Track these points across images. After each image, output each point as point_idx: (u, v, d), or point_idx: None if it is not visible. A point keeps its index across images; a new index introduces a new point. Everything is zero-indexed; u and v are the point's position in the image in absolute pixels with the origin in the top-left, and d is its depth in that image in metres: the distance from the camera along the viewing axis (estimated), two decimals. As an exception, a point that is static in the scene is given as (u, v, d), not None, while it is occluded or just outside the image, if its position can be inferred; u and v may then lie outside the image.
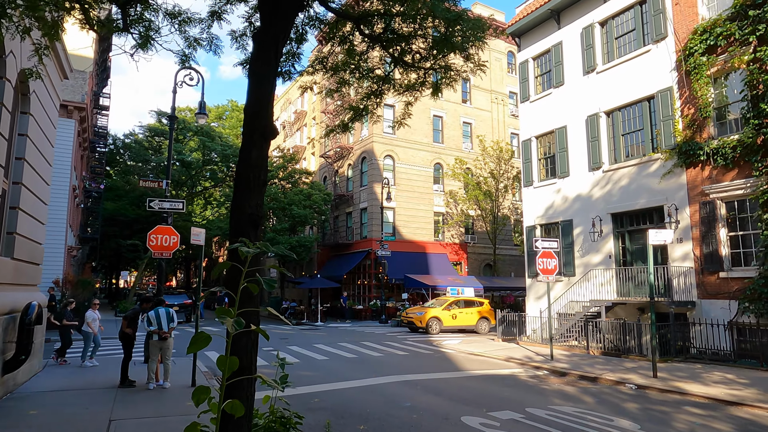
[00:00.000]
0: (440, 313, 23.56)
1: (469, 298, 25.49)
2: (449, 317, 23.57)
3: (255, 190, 4.24)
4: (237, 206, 4.24)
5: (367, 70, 8.96)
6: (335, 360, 14.56)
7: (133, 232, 39.91)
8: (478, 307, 24.60)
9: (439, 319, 23.37)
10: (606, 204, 17.35)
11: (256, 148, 4.33)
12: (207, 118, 15.07)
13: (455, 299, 24.87)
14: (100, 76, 40.01)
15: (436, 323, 23.23)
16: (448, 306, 23.97)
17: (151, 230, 13.65)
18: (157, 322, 9.84)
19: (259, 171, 4.32)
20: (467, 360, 14.90)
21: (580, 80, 18.70)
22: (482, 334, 23.40)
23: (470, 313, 24.15)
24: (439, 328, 23.19)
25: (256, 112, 4.44)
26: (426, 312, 23.58)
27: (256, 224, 4.19)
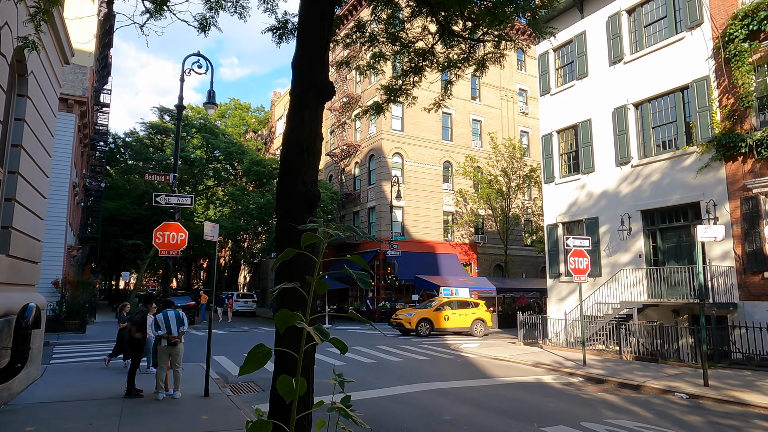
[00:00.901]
0: (431, 314, 22.53)
1: (463, 299, 24.46)
2: (441, 319, 22.52)
3: (309, 163, 3.36)
4: (286, 184, 3.36)
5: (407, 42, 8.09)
6: (354, 365, 13.67)
7: (134, 232, 39.03)
8: (473, 308, 23.57)
9: (430, 321, 22.34)
10: (635, 200, 16.47)
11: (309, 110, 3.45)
12: (216, 108, 14.19)
13: (448, 300, 23.83)
14: (101, 73, 39.15)
15: (426, 325, 22.18)
16: (440, 307, 22.94)
17: (158, 227, 12.81)
18: (166, 326, 8.94)
19: (314, 139, 3.45)
20: (492, 365, 14.00)
21: (606, 71, 17.84)
22: (477, 336, 22.48)
23: (464, 315, 23.10)
24: (429, 331, 22.15)
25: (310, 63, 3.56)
26: (416, 313, 22.56)
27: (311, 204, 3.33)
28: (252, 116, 51.98)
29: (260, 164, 33.10)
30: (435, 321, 22.47)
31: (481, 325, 23.14)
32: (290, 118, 3.57)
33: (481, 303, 24.28)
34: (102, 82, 38.74)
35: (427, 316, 22.54)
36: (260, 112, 53.17)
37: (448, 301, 23.78)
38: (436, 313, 22.65)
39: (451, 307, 23.20)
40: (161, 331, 8.88)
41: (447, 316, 22.78)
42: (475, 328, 22.93)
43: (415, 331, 21.97)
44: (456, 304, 23.51)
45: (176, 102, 13.97)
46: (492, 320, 28.37)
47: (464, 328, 22.94)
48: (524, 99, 39.51)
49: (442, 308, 22.91)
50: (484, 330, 23.07)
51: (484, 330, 23.07)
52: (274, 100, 54.69)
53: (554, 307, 19.07)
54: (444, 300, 23.92)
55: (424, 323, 22.30)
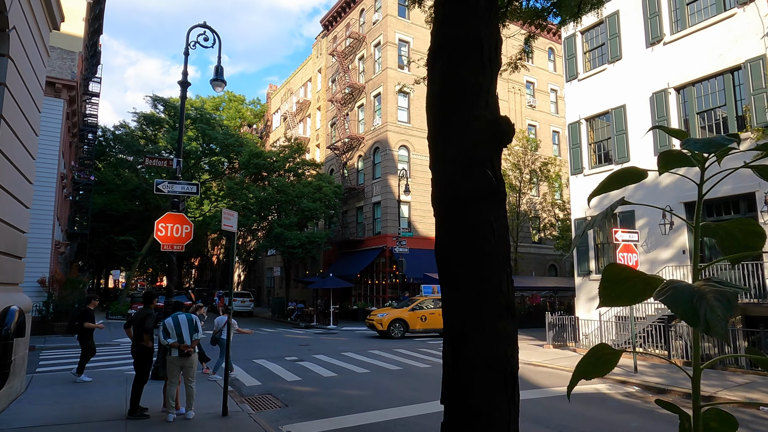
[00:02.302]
0: (405, 314, 20.92)
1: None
2: (416, 319, 20.89)
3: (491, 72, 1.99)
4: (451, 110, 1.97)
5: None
6: (378, 373, 12.26)
7: (126, 228, 37.28)
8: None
9: (404, 322, 20.72)
10: (678, 192, 15.22)
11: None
12: (224, 87, 12.69)
13: (427, 298, 22.15)
14: (90, 61, 37.29)
15: (400, 326, 20.60)
16: (417, 306, 21.28)
17: (160, 218, 11.33)
18: (177, 333, 7.47)
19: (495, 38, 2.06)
20: (531, 372, 12.67)
21: (643, 53, 16.58)
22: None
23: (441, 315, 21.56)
24: (403, 332, 20.60)
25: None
26: (389, 314, 21.00)
27: (500, 140, 1.95)
28: (247, 109, 50.26)
29: (260, 156, 31.49)
30: (410, 322, 20.80)
31: None
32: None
33: None
34: (91, 70, 36.90)
35: (401, 316, 20.89)
36: (256, 105, 51.49)
37: (429, 298, 22.10)
38: (412, 314, 20.99)
39: (430, 307, 21.50)
40: (171, 339, 7.41)
41: (424, 316, 21.07)
42: None
43: (386, 333, 20.36)
44: (435, 303, 21.77)
45: (170, 95, 12.50)
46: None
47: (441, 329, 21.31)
48: (531, 92, 38.31)
49: (418, 308, 21.25)
50: None
51: None
52: (270, 93, 53.03)
53: (584, 307, 17.80)
54: (422, 298, 22.36)
55: (398, 324, 20.65)
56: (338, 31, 37.82)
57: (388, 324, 20.54)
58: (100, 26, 35.68)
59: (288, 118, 45.15)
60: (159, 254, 55.93)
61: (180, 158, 12.02)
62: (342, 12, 37.07)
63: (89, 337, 10.60)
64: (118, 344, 18.16)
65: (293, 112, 44.45)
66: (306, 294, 38.39)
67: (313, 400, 9.27)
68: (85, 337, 10.55)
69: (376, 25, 32.57)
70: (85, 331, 10.53)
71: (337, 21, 37.99)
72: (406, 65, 31.95)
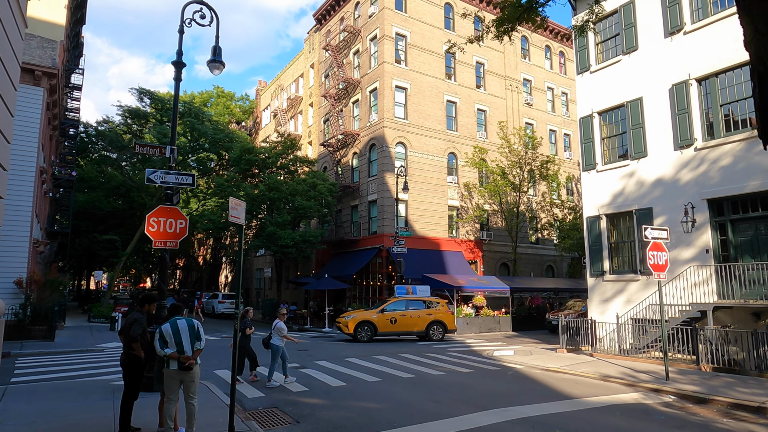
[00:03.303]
0: (373, 316, 19.93)
1: (419, 298, 21.70)
2: (386, 321, 19.87)
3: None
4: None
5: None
6: (390, 381, 11.26)
7: (109, 227, 35.74)
8: (429, 308, 20.81)
9: (373, 324, 19.71)
10: (700, 188, 14.50)
11: None
12: (222, 69, 11.62)
13: (399, 299, 21.19)
14: (72, 53, 35.75)
15: (367, 329, 19.59)
16: (386, 308, 20.27)
17: (152, 212, 10.23)
18: (176, 342, 6.39)
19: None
20: (554, 380, 11.79)
21: (661, 43, 15.85)
22: (435, 340, 20.10)
23: (418, 317, 20.32)
24: (371, 335, 19.59)
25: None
26: (355, 315, 20.03)
27: None
28: (237, 106, 48.90)
29: (252, 152, 30.26)
30: (379, 324, 19.75)
31: (440, 327, 20.47)
32: None
33: (442, 303, 21.49)
34: (73, 62, 35.34)
35: (368, 318, 19.86)
36: (245, 101, 50.12)
37: (399, 300, 21.06)
38: (381, 316, 19.92)
39: (401, 309, 20.51)
40: (168, 349, 6.33)
41: (394, 319, 20.01)
42: (433, 332, 20.29)
43: (353, 336, 19.40)
44: (408, 304, 20.79)
45: (160, 90, 11.35)
46: (507, 323, 26.37)
47: (417, 331, 20.27)
48: (528, 89, 37.67)
49: (388, 309, 20.25)
50: (444, 333, 20.52)
51: (444, 333, 20.52)
52: (260, 90, 51.74)
53: (597, 309, 17.01)
54: (392, 300, 21.36)
55: (365, 327, 19.61)
56: (332, 25, 36.78)
57: (354, 327, 19.51)
58: (83, 16, 34.22)
59: (278, 114, 43.94)
60: (143, 254, 54.29)
61: (174, 146, 10.92)
62: (336, 5, 36.03)
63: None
64: (101, 350, 16.91)
65: (284, 109, 43.25)
66: (297, 295, 37.22)
67: (326, 415, 8.25)
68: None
69: (372, 18, 31.60)
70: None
71: (331, 15, 36.94)
72: (403, 60, 31.06)
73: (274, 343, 10.96)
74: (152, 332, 7.26)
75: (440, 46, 32.63)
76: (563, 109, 39.55)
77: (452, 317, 21.43)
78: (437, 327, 20.56)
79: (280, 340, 10.99)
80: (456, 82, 33.12)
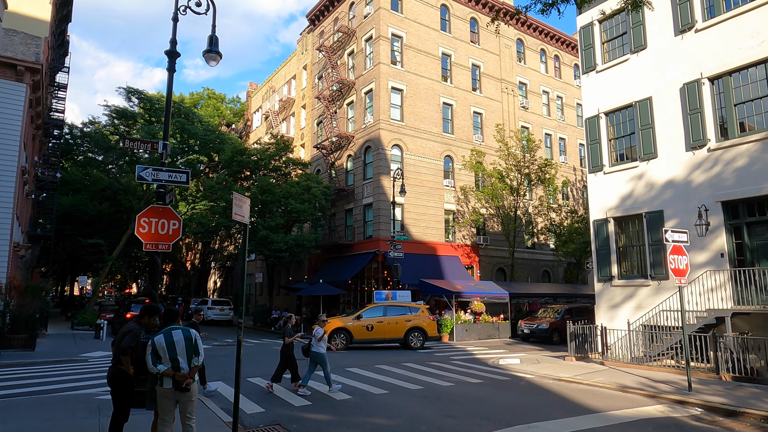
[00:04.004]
0: (348, 323, 19.13)
1: (398, 304, 20.80)
2: (361, 328, 19.02)
3: None
4: None
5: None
6: (398, 394, 10.54)
7: (94, 231, 34.53)
8: (409, 314, 19.88)
9: (348, 332, 18.89)
10: (714, 190, 14.03)
11: None
12: (219, 61, 10.89)
13: (377, 305, 20.37)
14: (57, 51, 34.73)
15: (342, 336, 18.76)
16: (362, 314, 19.45)
17: (142, 212, 9.43)
18: (170, 357, 5.57)
19: None
20: (570, 391, 11.16)
21: (671, 42, 15.43)
22: (414, 348, 19.23)
23: (396, 323, 19.38)
24: (346, 343, 18.76)
25: None
26: (330, 322, 19.05)
27: None
28: (227, 108, 47.97)
29: (244, 153, 29.42)
30: (354, 331, 18.92)
31: (420, 335, 19.52)
32: None
33: (422, 308, 20.57)
34: (59, 61, 34.31)
35: (343, 325, 19.04)
36: (236, 103, 49.22)
37: (376, 306, 20.16)
38: (356, 323, 19.11)
39: (378, 315, 19.65)
40: (162, 366, 5.53)
41: (370, 325, 19.21)
42: (412, 339, 19.41)
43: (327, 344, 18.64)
44: (386, 310, 19.85)
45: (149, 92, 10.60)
46: (506, 330, 25.74)
47: (395, 338, 19.43)
48: (524, 93, 37.32)
49: (365, 316, 19.38)
50: (423, 341, 19.61)
51: (423, 341, 19.61)
52: (250, 92, 50.91)
53: (605, 315, 16.45)
54: (370, 306, 20.55)
55: (340, 334, 18.79)
56: (326, 26, 36.15)
57: (328, 334, 18.73)
58: (68, 13, 33.20)
59: (270, 116, 43.13)
60: (130, 259, 52.91)
61: (167, 141, 10.14)
62: (330, 6, 35.42)
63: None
64: (85, 359, 15.97)
65: (276, 111, 42.46)
66: (289, 301, 36.33)
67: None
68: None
69: (367, 19, 31.03)
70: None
71: (325, 15, 36.32)
72: (399, 61, 30.50)
73: (317, 351, 10.68)
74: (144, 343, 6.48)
75: (436, 48, 32.16)
76: (558, 113, 39.27)
77: (433, 324, 20.47)
78: (417, 334, 19.61)
79: (323, 347, 10.74)
80: (452, 85, 32.63)
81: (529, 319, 24.47)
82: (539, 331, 22.83)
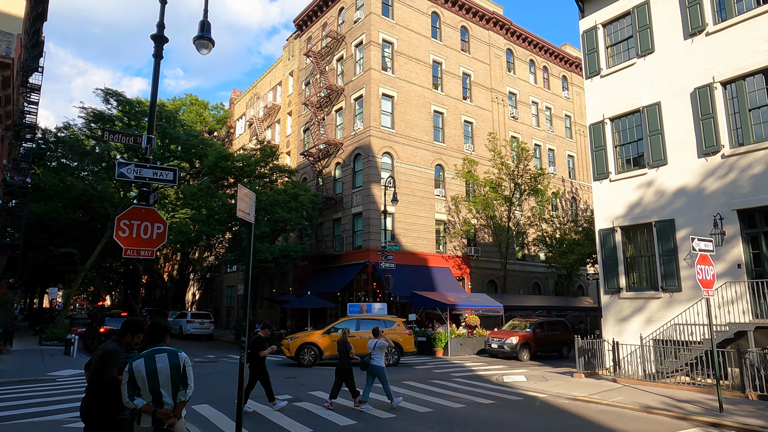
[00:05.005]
0: (317, 338, 17.99)
1: (373, 317, 19.50)
2: (332, 343, 17.44)
3: None
4: None
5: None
6: (409, 418, 9.51)
7: (67, 240, 32.76)
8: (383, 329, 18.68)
9: (318, 347, 17.71)
10: (729, 198, 13.46)
11: None
12: (211, 49, 9.88)
13: (349, 318, 19.26)
14: (31, 52, 33.18)
15: (311, 352, 17.66)
16: (332, 329, 18.23)
17: (122, 214, 8.30)
18: (151, 389, 4.38)
19: None
20: (592, 412, 10.28)
21: (680, 45, 14.95)
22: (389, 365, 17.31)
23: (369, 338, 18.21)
24: (315, 359, 17.62)
25: None
26: (298, 337, 18.14)
27: None
28: (210, 114, 46.61)
29: (228, 159, 28.21)
30: (324, 346, 17.74)
31: (394, 351, 18.14)
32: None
33: (397, 321, 19.37)
34: (33, 62, 32.73)
35: (313, 340, 17.92)
36: (219, 110, 47.89)
37: (350, 320, 18.96)
38: (326, 337, 17.88)
39: (351, 328, 17.90)
40: (140, 400, 4.38)
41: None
42: (386, 355, 17.26)
43: (296, 359, 17.51)
44: (359, 324, 18.51)
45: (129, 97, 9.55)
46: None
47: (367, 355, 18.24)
48: (513, 103, 36.97)
49: (334, 330, 18.03)
50: (399, 357, 18.40)
51: (399, 357, 18.40)
52: (234, 98, 49.69)
53: (613, 329, 15.69)
54: (343, 319, 19.37)
55: (309, 349, 17.69)
56: (314, 31, 35.33)
57: (296, 349, 17.56)
58: (44, 11, 31.77)
59: (254, 123, 41.96)
60: (104, 270, 50.71)
61: (152, 135, 9.06)
62: (318, 11, 34.65)
63: (263, 365, 10.18)
64: (53, 379, 14.52)
65: (260, 118, 41.33)
66: (273, 314, 34.91)
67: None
68: (259, 365, 10.13)
69: (357, 24, 30.31)
70: (259, 359, 10.12)
71: (313, 20, 35.52)
72: (390, 67, 29.79)
73: (376, 364, 10.44)
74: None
75: (427, 55, 31.59)
76: (547, 123, 39.02)
77: (410, 338, 19.11)
78: (392, 350, 18.24)
79: (382, 359, 10.51)
80: (443, 93, 32.03)
81: (498, 332, 22.65)
82: (508, 346, 20.99)
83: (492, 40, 35.86)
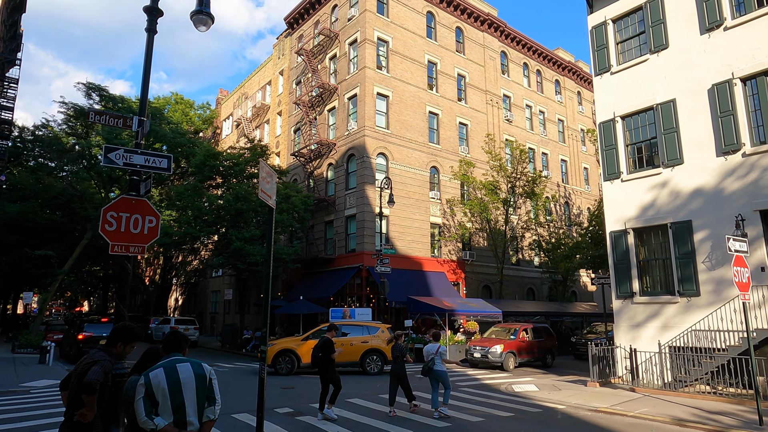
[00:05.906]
0: (295, 345, 16.97)
1: (356, 323, 18.57)
2: (310, 351, 15.94)
3: None
4: None
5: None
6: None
7: (44, 242, 31.16)
8: (366, 335, 17.64)
9: (295, 354, 16.67)
10: (750, 198, 12.90)
11: None
12: (210, 25, 8.95)
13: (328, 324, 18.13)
14: (9, 44, 31.72)
15: (287, 360, 16.59)
16: (311, 335, 17.27)
17: (108, 205, 7.32)
18: (174, 404, 3.63)
19: None
20: (622, 425, 9.51)
21: (697, 41, 14.42)
22: (372, 373, 16.99)
23: (351, 345, 17.02)
24: (292, 367, 16.57)
25: None
26: (276, 344, 17.12)
27: None
28: (196, 114, 45.35)
29: (217, 158, 27.10)
30: (302, 354, 16.61)
31: (378, 357, 17.34)
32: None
33: (382, 327, 18.28)
34: (10, 54, 31.25)
35: (290, 347, 16.84)
36: (206, 110, 46.64)
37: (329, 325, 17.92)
38: (304, 345, 16.78)
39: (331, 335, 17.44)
40: (160, 420, 3.55)
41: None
42: (369, 363, 17.25)
43: (272, 368, 16.40)
44: (339, 331, 17.20)
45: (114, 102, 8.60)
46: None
47: (352, 363, 17.12)
48: (508, 106, 36.49)
49: (313, 337, 17.00)
50: (381, 365, 17.33)
51: (381, 365, 17.33)
52: (221, 99, 48.50)
53: (626, 335, 15.00)
54: (323, 325, 18.19)
55: (286, 357, 16.60)
56: (305, 29, 34.45)
57: (272, 357, 16.41)
58: (22, 2, 30.38)
59: (242, 124, 40.83)
60: (82, 274, 48.85)
61: (144, 117, 8.08)
62: (311, 8, 33.79)
63: (334, 368, 9.87)
64: (27, 390, 13.29)
65: (249, 118, 40.22)
66: (260, 321, 33.70)
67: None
68: (330, 369, 9.80)
69: (351, 22, 29.52)
70: (330, 363, 9.85)
71: (305, 18, 34.65)
72: (385, 66, 29.04)
73: (440, 369, 10.15)
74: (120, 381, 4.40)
75: (422, 55, 30.92)
76: (541, 128, 38.63)
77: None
78: (374, 357, 17.30)
79: (443, 364, 10.30)
80: (438, 93, 31.37)
81: (480, 340, 21.26)
82: (492, 355, 19.30)
83: (486, 42, 35.38)
